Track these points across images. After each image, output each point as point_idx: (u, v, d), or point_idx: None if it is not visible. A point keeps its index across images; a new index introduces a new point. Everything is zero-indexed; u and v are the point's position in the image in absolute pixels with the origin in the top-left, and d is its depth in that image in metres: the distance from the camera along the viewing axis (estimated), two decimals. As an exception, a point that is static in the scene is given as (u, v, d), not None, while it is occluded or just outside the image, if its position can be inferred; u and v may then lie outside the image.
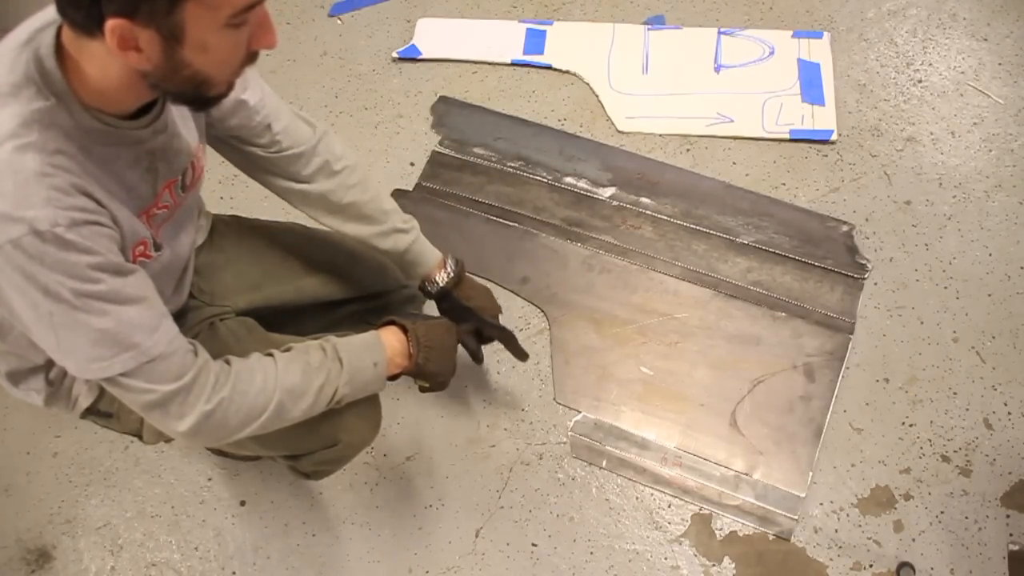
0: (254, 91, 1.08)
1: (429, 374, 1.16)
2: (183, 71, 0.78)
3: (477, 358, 1.32)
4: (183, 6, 0.73)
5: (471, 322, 1.32)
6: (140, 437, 1.19)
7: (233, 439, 0.96)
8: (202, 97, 0.84)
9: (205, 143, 1.07)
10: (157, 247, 0.97)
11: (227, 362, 0.95)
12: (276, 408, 0.96)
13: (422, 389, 1.21)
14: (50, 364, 1.05)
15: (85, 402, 1.10)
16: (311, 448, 1.16)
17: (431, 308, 1.56)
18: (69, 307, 0.80)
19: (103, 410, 1.13)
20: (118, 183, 0.87)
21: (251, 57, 0.83)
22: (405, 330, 1.13)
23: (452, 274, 1.30)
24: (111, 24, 0.72)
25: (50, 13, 0.81)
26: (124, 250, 0.88)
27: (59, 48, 0.80)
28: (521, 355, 1.37)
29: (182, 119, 0.98)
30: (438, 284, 1.29)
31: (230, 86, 0.86)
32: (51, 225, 0.76)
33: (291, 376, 0.98)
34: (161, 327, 0.87)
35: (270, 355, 1.00)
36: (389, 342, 1.11)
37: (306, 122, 1.16)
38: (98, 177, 0.84)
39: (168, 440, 1.34)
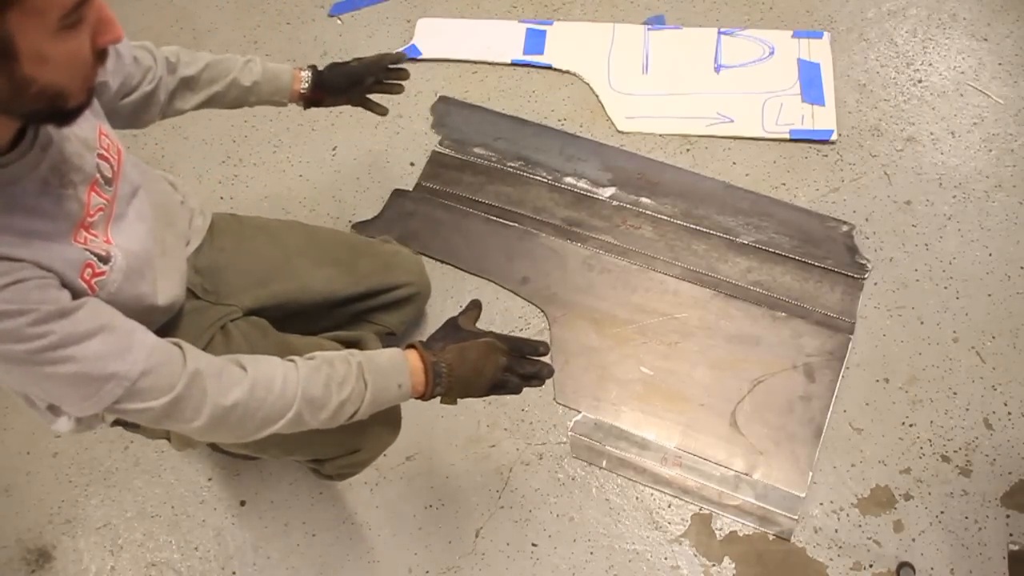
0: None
1: (449, 401, 1.09)
2: (29, 89, 0.71)
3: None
4: (5, 17, 0.65)
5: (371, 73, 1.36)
6: (170, 441, 1.21)
7: (250, 439, 0.95)
8: (61, 111, 0.76)
9: (104, 122, 0.99)
10: (105, 260, 0.90)
11: (243, 366, 0.93)
12: (295, 416, 0.94)
13: (443, 401, 1.18)
14: None
15: (111, 416, 1.09)
16: (333, 454, 1.17)
17: (434, 315, 1.56)
18: (32, 365, 0.78)
19: (130, 421, 1.12)
20: (35, 218, 0.81)
21: (101, 57, 0.76)
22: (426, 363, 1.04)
23: (309, 67, 1.33)
24: None
25: None
26: (70, 284, 0.83)
27: None
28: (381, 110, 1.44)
29: None
30: (310, 74, 1.32)
31: (89, 93, 0.79)
32: None
33: (313, 387, 0.95)
34: (133, 346, 0.84)
35: (292, 361, 0.97)
36: (415, 367, 1.02)
37: (141, 47, 1.16)
38: (7, 226, 0.78)
39: (195, 446, 1.34)
